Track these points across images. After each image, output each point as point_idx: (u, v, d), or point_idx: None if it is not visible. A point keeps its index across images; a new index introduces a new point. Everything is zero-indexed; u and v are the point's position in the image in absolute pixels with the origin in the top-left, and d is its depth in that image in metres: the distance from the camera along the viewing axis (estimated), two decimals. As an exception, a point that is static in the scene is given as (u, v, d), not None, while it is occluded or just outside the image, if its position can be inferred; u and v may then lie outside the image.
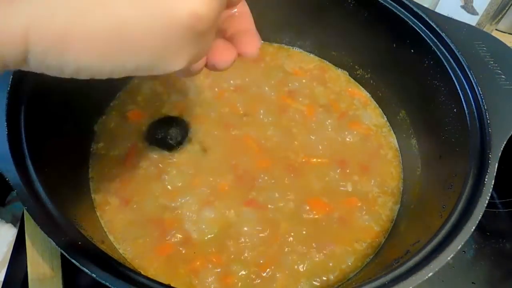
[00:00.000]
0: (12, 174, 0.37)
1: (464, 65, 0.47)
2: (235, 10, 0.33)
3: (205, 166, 0.52)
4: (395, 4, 0.53)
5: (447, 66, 0.48)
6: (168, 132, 0.52)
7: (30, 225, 0.47)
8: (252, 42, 0.31)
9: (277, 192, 0.50)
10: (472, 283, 0.52)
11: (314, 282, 0.45)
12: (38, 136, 0.41)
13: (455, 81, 0.47)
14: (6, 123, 0.39)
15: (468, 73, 0.47)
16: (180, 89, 0.58)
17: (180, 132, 0.53)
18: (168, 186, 0.50)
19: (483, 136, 0.43)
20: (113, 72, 0.22)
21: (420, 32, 0.51)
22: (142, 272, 0.37)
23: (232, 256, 0.46)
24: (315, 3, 0.59)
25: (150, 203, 0.49)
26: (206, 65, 0.30)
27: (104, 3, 0.20)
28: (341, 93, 0.62)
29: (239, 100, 0.58)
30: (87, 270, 0.33)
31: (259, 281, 0.45)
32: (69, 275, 0.46)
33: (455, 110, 0.47)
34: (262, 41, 0.65)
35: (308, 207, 0.50)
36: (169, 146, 0.52)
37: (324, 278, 0.45)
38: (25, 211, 0.48)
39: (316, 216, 0.49)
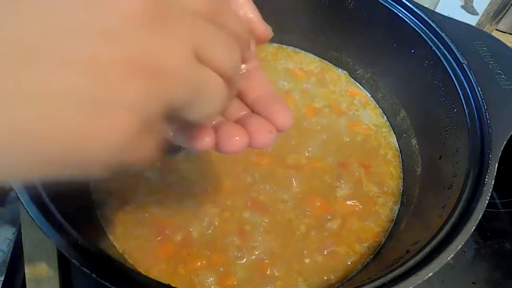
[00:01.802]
0: (12, 174, 0.37)
1: (464, 65, 0.47)
2: (244, 66, 0.29)
3: (205, 167, 0.52)
4: (395, 4, 0.53)
5: (447, 66, 0.48)
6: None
7: (27, 225, 0.47)
8: (284, 115, 0.27)
9: (277, 193, 0.50)
10: (472, 283, 0.52)
11: (314, 282, 0.45)
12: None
13: (455, 81, 0.47)
14: (6, 123, 0.39)
15: (468, 73, 0.47)
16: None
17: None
18: (169, 187, 0.50)
19: (483, 136, 0.43)
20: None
21: (420, 32, 0.51)
22: (142, 272, 0.37)
23: (233, 257, 0.46)
24: (315, 3, 0.59)
25: (150, 203, 0.49)
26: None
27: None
28: (341, 93, 0.62)
29: (239, 100, 0.58)
30: (87, 270, 0.32)
31: (259, 281, 0.45)
32: (66, 275, 0.46)
33: (455, 110, 0.47)
34: (262, 41, 0.66)
35: (308, 208, 0.50)
36: (172, 148, 0.52)
37: (325, 278, 0.46)
38: (21, 211, 0.48)
39: (316, 217, 0.49)
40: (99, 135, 0.17)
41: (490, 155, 0.41)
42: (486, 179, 0.40)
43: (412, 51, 0.53)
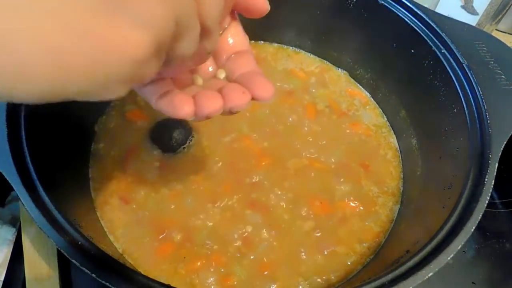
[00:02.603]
0: (12, 174, 0.37)
1: (464, 65, 0.47)
2: (231, 40, 0.32)
3: (205, 167, 0.52)
4: (395, 4, 0.53)
5: (447, 66, 0.48)
6: (172, 135, 0.52)
7: (27, 225, 0.47)
8: (264, 86, 0.30)
9: (277, 193, 0.50)
10: (472, 283, 0.52)
11: (314, 282, 0.45)
12: (38, 136, 0.41)
13: (455, 81, 0.47)
14: (6, 123, 0.39)
15: (468, 73, 0.47)
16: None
17: (185, 134, 0.53)
18: (169, 187, 0.50)
19: (483, 136, 0.43)
20: (48, 97, 0.19)
21: (420, 32, 0.51)
22: (142, 272, 0.37)
23: (233, 257, 0.46)
24: (315, 3, 0.59)
25: (151, 203, 0.49)
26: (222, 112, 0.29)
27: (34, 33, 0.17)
28: (341, 93, 0.62)
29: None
30: (87, 270, 0.33)
31: (259, 281, 0.45)
32: (66, 275, 0.46)
33: (455, 110, 0.47)
34: (262, 41, 0.66)
35: (308, 208, 0.50)
36: (172, 148, 0.52)
37: (325, 278, 0.46)
38: (21, 211, 0.48)
39: (316, 217, 0.49)
40: (123, 46, 0.19)
41: (490, 155, 0.41)
42: (486, 179, 0.40)
43: (412, 51, 0.53)
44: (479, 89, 0.45)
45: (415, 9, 0.52)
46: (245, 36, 0.33)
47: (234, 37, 0.32)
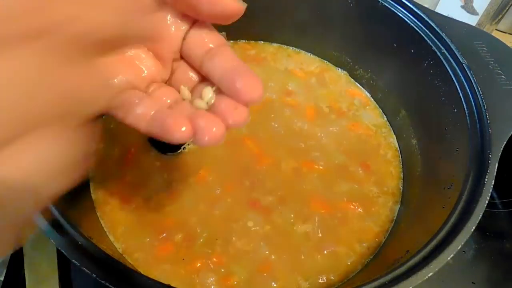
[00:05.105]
0: (12, 174, 0.37)
1: (464, 65, 0.47)
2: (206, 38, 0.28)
3: (205, 167, 0.52)
4: (395, 4, 0.53)
5: (447, 66, 0.48)
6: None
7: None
8: (251, 86, 0.26)
9: (277, 193, 0.50)
10: (472, 283, 0.52)
11: (314, 282, 0.45)
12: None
13: (455, 81, 0.47)
14: (6, 123, 0.39)
15: (468, 73, 0.47)
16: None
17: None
18: (169, 187, 0.50)
19: (483, 136, 0.43)
20: None
21: (420, 32, 0.51)
22: (142, 272, 0.37)
23: (233, 257, 0.46)
24: (315, 3, 0.59)
25: (151, 203, 0.49)
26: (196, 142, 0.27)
27: None
28: (341, 93, 0.62)
29: (239, 101, 0.58)
30: (87, 270, 0.32)
31: (259, 281, 0.45)
32: (66, 275, 0.46)
33: (455, 110, 0.47)
34: (262, 41, 0.66)
35: (308, 208, 0.50)
36: (172, 148, 0.52)
37: (325, 278, 0.46)
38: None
39: (316, 217, 0.49)
40: None
41: (490, 155, 0.41)
42: (486, 179, 0.40)
43: (412, 51, 0.53)
44: (479, 89, 0.45)
45: (415, 9, 0.52)
46: (211, 31, 0.30)
47: (199, 37, 0.29)
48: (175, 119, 0.26)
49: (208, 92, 0.29)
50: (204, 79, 0.31)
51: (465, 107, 0.46)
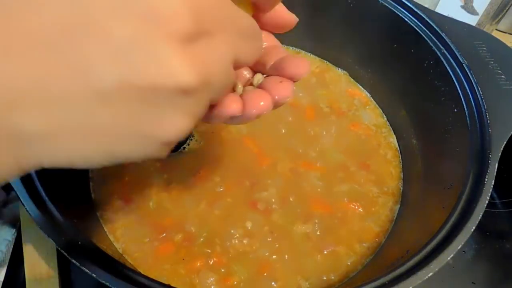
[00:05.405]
0: (12, 174, 0.37)
1: (464, 65, 0.47)
2: (264, 44, 0.32)
3: (205, 167, 0.52)
4: (395, 4, 0.53)
5: (447, 66, 0.48)
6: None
7: (27, 225, 0.47)
8: (299, 63, 0.30)
9: (277, 193, 0.50)
10: (472, 283, 0.52)
11: (314, 282, 0.45)
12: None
13: (455, 81, 0.47)
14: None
15: (468, 73, 0.47)
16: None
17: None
18: (169, 187, 0.50)
19: (483, 136, 0.43)
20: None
21: (420, 32, 0.51)
22: (142, 272, 0.37)
23: (233, 257, 0.46)
24: (315, 3, 0.59)
25: (151, 203, 0.49)
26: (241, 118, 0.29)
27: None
28: (341, 93, 0.62)
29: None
30: (87, 270, 0.32)
31: (259, 281, 0.45)
32: (66, 275, 0.46)
33: (455, 110, 0.47)
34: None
35: (308, 208, 0.50)
36: (172, 148, 0.52)
37: (325, 278, 0.46)
38: (21, 211, 0.48)
39: (316, 217, 0.49)
40: (167, 129, 0.21)
41: (490, 155, 0.41)
42: (486, 179, 0.40)
43: (412, 51, 0.53)
44: (479, 89, 0.45)
45: (415, 9, 0.52)
46: (269, 33, 0.34)
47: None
48: (227, 96, 0.28)
49: (259, 77, 0.31)
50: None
51: (465, 107, 0.46)
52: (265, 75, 0.31)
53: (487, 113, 0.44)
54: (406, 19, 0.52)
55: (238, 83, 0.31)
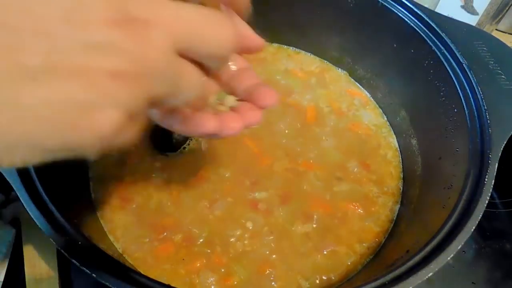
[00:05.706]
0: (12, 174, 0.37)
1: (464, 65, 0.47)
2: (234, 67, 0.34)
3: (205, 167, 0.52)
4: (395, 4, 0.53)
5: (447, 66, 0.48)
6: (172, 135, 0.52)
7: (27, 225, 0.47)
8: (268, 94, 0.32)
9: (277, 193, 0.50)
10: (472, 283, 0.52)
11: (314, 282, 0.45)
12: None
13: (455, 81, 0.47)
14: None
15: (468, 73, 0.47)
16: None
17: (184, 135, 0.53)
18: (169, 187, 0.50)
19: (483, 136, 0.43)
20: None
21: (420, 32, 0.51)
22: (142, 272, 0.37)
23: (233, 257, 0.46)
24: (315, 3, 0.59)
25: (151, 203, 0.49)
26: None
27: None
28: (341, 93, 0.62)
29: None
30: (87, 270, 0.32)
31: (259, 281, 0.45)
32: (66, 275, 0.46)
33: (455, 110, 0.47)
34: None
35: (308, 208, 0.50)
36: (172, 148, 0.52)
37: (325, 278, 0.46)
38: (21, 211, 0.48)
39: (316, 217, 0.49)
40: (92, 128, 0.20)
41: (490, 155, 0.41)
42: (486, 179, 0.40)
43: (412, 51, 0.53)
44: (479, 89, 0.45)
45: (415, 9, 0.52)
46: (239, 56, 0.35)
47: (235, 61, 0.34)
48: (203, 115, 0.29)
49: (232, 100, 0.33)
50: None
51: (465, 107, 0.46)
52: (237, 98, 0.33)
53: (487, 113, 0.44)
54: (406, 19, 0.52)
55: (210, 95, 0.32)
